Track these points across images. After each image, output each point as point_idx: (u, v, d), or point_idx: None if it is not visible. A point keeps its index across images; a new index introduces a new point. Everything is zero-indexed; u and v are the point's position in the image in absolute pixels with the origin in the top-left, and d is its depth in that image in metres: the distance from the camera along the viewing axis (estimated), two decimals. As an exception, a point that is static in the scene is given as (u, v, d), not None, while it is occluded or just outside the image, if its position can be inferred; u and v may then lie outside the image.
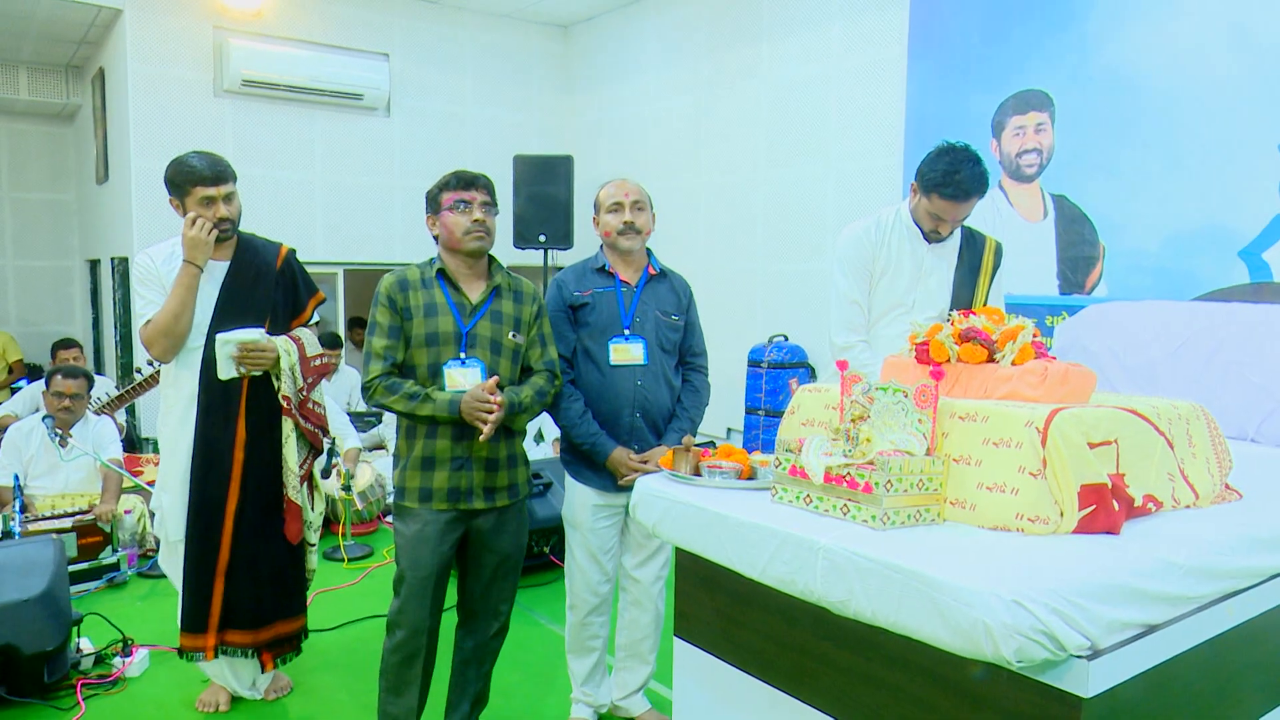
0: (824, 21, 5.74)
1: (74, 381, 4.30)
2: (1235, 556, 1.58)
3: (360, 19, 6.95)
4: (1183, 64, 3.96)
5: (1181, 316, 2.93)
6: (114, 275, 7.25)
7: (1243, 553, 1.60)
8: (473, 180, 2.51)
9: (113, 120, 6.81)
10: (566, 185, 6.89)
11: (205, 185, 2.73)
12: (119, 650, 3.26)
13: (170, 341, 2.74)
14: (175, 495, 2.82)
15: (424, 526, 2.46)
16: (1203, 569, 1.51)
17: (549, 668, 3.37)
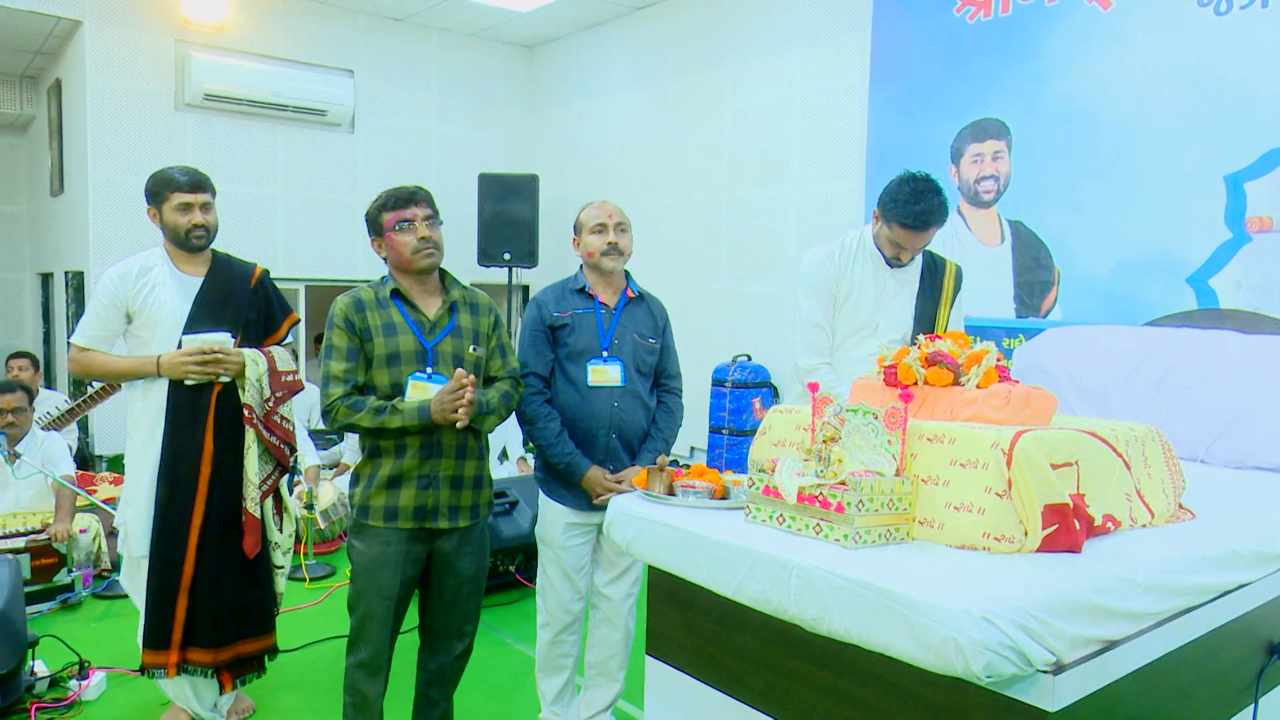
0: (787, 47, 5.86)
1: (11, 396, 4.18)
2: (1190, 574, 1.65)
3: (325, 34, 6.93)
4: (1134, 96, 4.11)
5: (1134, 341, 3.03)
6: (68, 289, 7.09)
7: (1197, 570, 1.66)
8: (410, 196, 2.47)
9: (70, 132, 6.70)
10: (531, 204, 6.92)
11: (183, 191, 2.73)
12: (75, 673, 3.19)
13: (93, 379, 2.76)
14: (140, 510, 2.78)
15: (386, 546, 2.44)
16: (1160, 586, 1.57)
17: (515, 687, 3.36)
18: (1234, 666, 1.86)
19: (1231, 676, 1.86)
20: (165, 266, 2.83)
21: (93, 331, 2.78)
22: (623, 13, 7.01)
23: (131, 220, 6.18)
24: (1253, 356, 2.76)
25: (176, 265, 2.84)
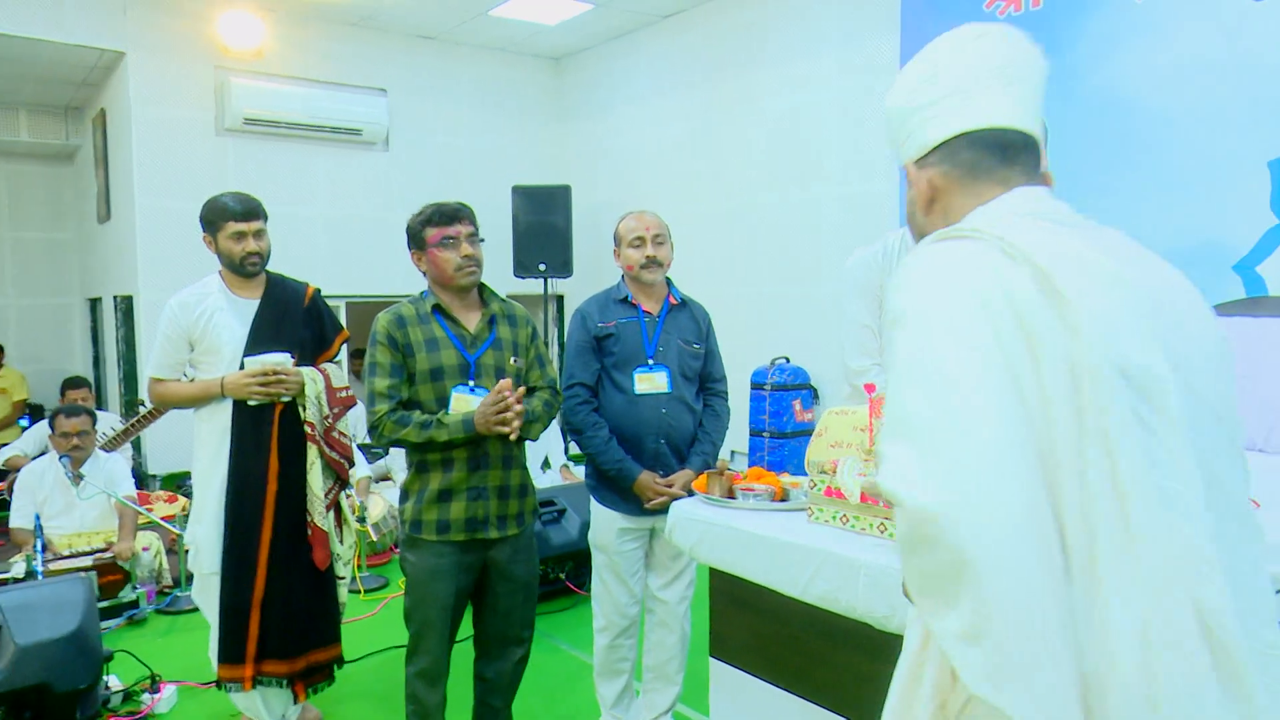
0: (816, 50, 5.88)
1: (76, 420, 4.32)
2: (1262, 563, 1.65)
3: (358, 55, 7.07)
4: (1172, 85, 4.08)
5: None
6: (117, 313, 7.28)
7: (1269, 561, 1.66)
8: (455, 213, 2.52)
9: (115, 160, 6.88)
10: (565, 214, 7.00)
11: (237, 220, 2.82)
12: (147, 687, 3.29)
13: (170, 407, 2.90)
14: (210, 527, 2.87)
15: (440, 559, 2.49)
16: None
17: (571, 693, 3.41)
18: None
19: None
20: (221, 293, 2.92)
21: (163, 361, 2.88)
22: (649, 21, 7.07)
23: (178, 244, 6.33)
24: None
25: (232, 290, 2.93)
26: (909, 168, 1.18)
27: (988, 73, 1.11)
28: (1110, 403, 0.88)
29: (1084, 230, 1.03)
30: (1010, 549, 0.86)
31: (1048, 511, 0.89)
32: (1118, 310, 0.92)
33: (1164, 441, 0.90)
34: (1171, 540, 0.88)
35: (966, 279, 0.95)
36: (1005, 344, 0.90)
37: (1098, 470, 0.88)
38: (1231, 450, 0.98)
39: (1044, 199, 1.07)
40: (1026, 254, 0.93)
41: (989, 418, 0.89)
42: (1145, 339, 0.92)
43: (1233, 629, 0.88)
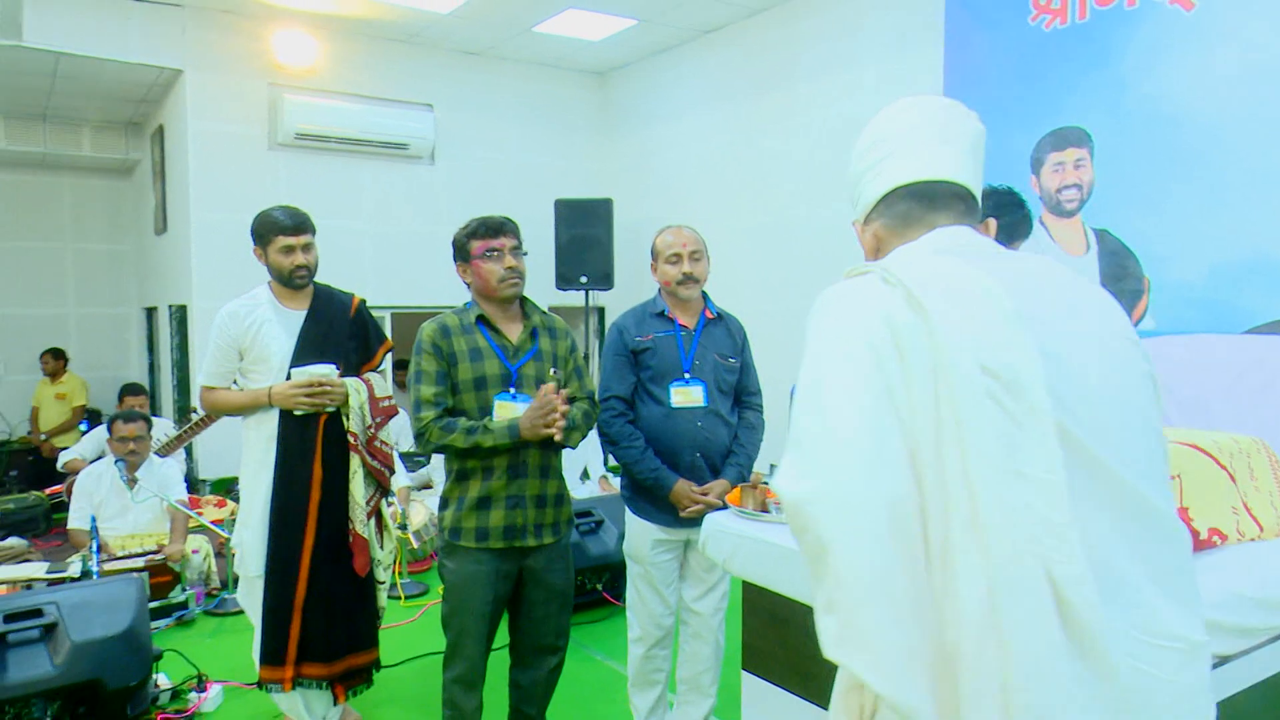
0: (859, 63, 5.87)
1: (134, 425, 4.46)
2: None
3: (406, 72, 7.21)
4: (1222, 97, 4.01)
5: (1234, 350, 2.96)
6: (171, 322, 7.49)
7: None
8: (500, 227, 2.58)
9: (172, 174, 7.10)
10: (607, 227, 7.05)
11: (286, 234, 2.90)
12: (194, 685, 3.37)
13: (220, 414, 3.09)
14: (255, 532, 2.94)
15: (479, 566, 2.53)
16: (1272, 601, 1.55)
17: (605, 703, 3.42)
18: None
19: None
20: (270, 304, 3.00)
21: (214, 370, 2.98)
22: (692, 37, 7.12)
23: (231, 255, 6.50)
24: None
25: (281, 302, 3.01)
26: (856, 226, 1.33)
27: (921, 134, 1.25)
28: (965, 395, 0.99)
29: (989, 259, 1.13)
30: (862, 533, 0.98)
31: (912, 502, 1.00)
32: (981, 319, 1.03)
33: (1027, 431, 0.98)
34: (1022, 519, 0.96)
35: (850, 308, 1.10)
36: (880, 357, 1.04)
37: (952, 458, 0.99)
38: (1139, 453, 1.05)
39: (960, 235, 1.18)
40: (901, 279, 1.06)
41: (855, 423, 1.02)
42: (1010, 341, 1.01)
43: (1090, 606, 0.94)
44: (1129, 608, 0.99)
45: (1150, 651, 0.99)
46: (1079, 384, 1.03)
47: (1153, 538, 1.02)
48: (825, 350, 1.09)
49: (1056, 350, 1.03)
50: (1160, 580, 1.01)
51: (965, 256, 1.13)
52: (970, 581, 0.97)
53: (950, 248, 1.15)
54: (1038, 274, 1.13)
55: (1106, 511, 1.01)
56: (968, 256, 1.13)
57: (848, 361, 1.05)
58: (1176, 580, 1.03)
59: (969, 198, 1.24)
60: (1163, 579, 1.02)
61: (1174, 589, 1.02)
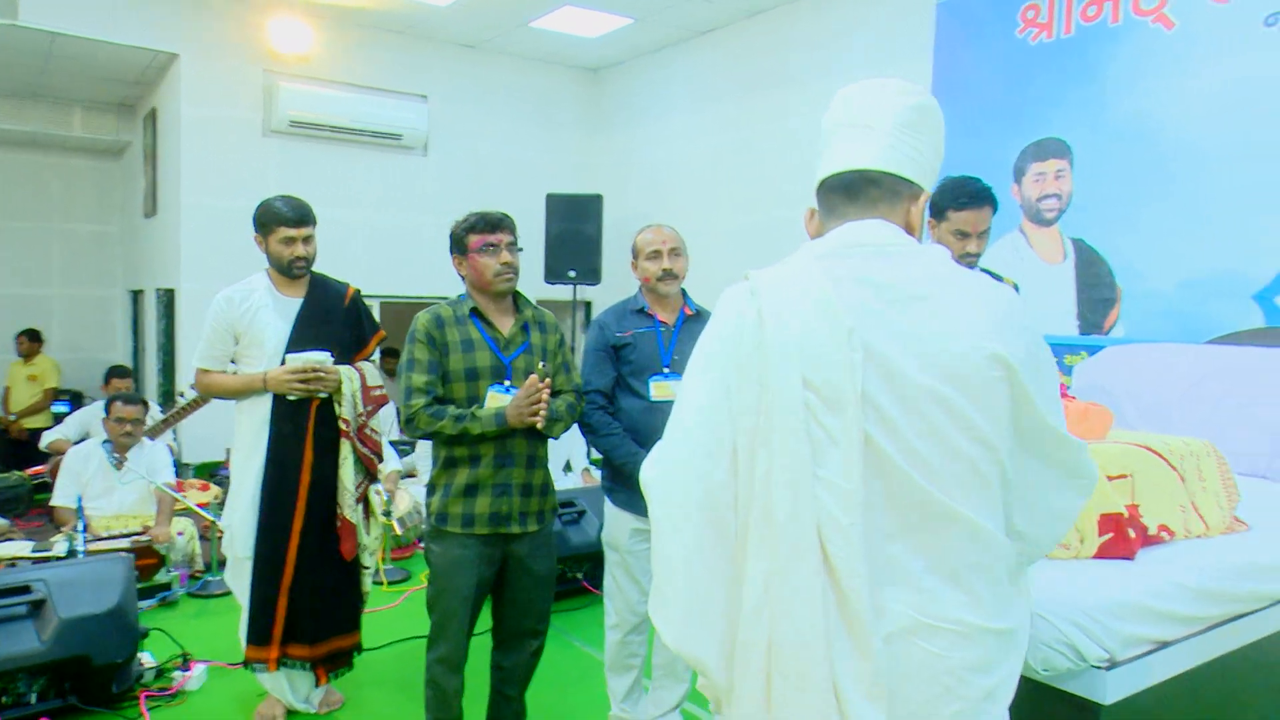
0: (849, 70, 5.96)
1: (134, 407, 4.51)
2: (1243, 581, 1.72)
3: (401, 62, 7.26)
4: (1199, 115, 4.13)
5: (1195, 359, 3.07)
6: (158, 305, 7.51)
7: (1249, 577, 1.74)
8: (498, 222, 2.64)
9: (163, 157, 7.12)
10: (596, 223, 7.13)
11: (288, 226, 2.96)
12: (179, 664, 3.43)
13: (214, 397, 3.16)
14: (245, 514, 3.00)
15: (464, 550, 2.60)
16: (1212, 592, 1.65)
17: (583, 687, 3.51)
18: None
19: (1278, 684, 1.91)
20: (267, 291, 3.06)
21: (209, 353, 3.03)
22: (685, 37, 7.20)
23: (221, 240, 6.55)
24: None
25: (278, 289, 3.07)
26: (808, 209, 1.46)
27: (845, 125, 1.36)
28: (783, 403, 1.14)
29: (867, 262, 1.25)
30: (677, 514, 1.20)
31: (728, 490, 1.19)
32: (815, 336, 1.16)
33: (837, 441, 1.13)
34: (808, 515, 1.12)
35: (721, 313, 1.29)
36: (726, 361, 1.22)
37: (762, 456, 1.15)
38: (944, 464, 1.15)
39: (859, 231, 1.29)
40: (760, 293, 1.24)
41: (693, 418, 1.23)
42: (836, 360, 1.15)
43: (859, 596, 1.10)
44: (911, 592, 1.14)
45: (925, 629, 1.13)
46: (896, 390, 1.14)
47: (942, 536, 1.15)
48: (698, 353, 1.29)
49: (886, 355, 1.15)
50: (943, 572, 1.15)
51: (845, 259, 1.26)
52: (756, 563, 1.15)
53: (836, 249, 1.28)
54: (911, 279, 1.21)
55: (897, 512, 1.14)
56: (848, 259, 1.25)
57: (704, 361, 1.26)
58: (967, 575, 1.15)
59: (885, 182, 1.32)
60: (947, 572, 1.15)
61: (961, 581, 1.15)
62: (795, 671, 1.12)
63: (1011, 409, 1.17)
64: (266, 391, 2.98)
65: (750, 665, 1.15)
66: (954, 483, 1.15)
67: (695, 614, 1.18)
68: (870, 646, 1.11)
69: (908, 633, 1.13)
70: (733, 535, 1.18)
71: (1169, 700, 1.58)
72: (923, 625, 1.13)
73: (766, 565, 1.14)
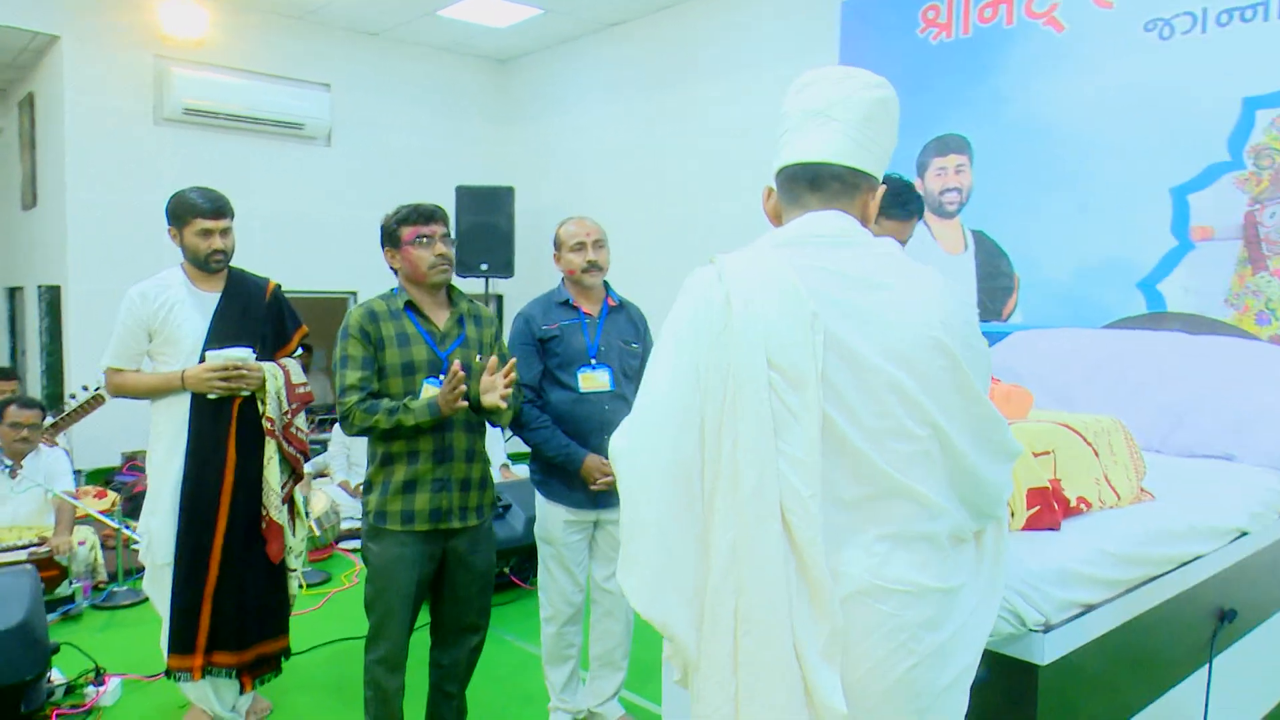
0: (756, 65, 6.09)
1: (31, 412, 4.26)
2: (1155, 546, 1.87)
3: (302, 50, 7.03)
4: (1088, 114, 4.40)
5: (1094, 343, 3.29)
6: (40, 303, 7.08)
7: (1161, 543, 1.89)
8: (431, 214, 2.61)
9: (44, 146, 6.70)
10: (508, 215, 7.08)
11: (205, 218, 2.85)
12: (91, 679, 3.27)
13: (127, 397, 2.99)
14: (164, 519, 2.89)
15: (403, 548, 2.57)
16: (1130, 556, 1.80)
17: (520, 680, 3.51)
18: (1191, 629, 2.09)
19: (1189, 638, 2.09)
20: (183, 286, 2.94)
21: (121, 351, 2.89)
22: (595, 29, 7.21)
23: (111, 234, 6.22)
24: (1199, 355, 3.04)
25: (194, 284, 2.96)
26: (766, 187, 1.51)
27: (810, 114, 1.39)
28: (748, 382, 1.22)
29: (825, 251, 1.31)
30: (646, 485, 1.27)
31: (695, 463, 1.26)
32: (780, 319, 1.23)
33: (798, 418, 1.21)
34: (772, 487, 1.20)
35: (689, 295, 1.35)
36: (697, 340, 1.28)
37: (728, 432, 1.23)
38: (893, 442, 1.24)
39: (820, 222, 1.36)
40: (726, 277, 1.30)
41: (662, 393, 1.29)
42: (799, 341, 1.22)
43: (817, 564, 1.20)
44: (864, 556, 1.24)
45: (879, 591, 1.23)
46: (855, 374, 1.23)
47: (893, 506, 1.25)
48: (666, 330, 1.35)
49: (846, 340, 1.23)
50: (893, 539, 1.25)
51: (806, 248, 1.32)
52: (722, 533, 1.22)
53: (798, 238, 1.34)
54: (867, 269, 1.30)
55: (852, 485, 1.24)
56: (809, 248, 1.32)
57: (673, 340, 1.31)
58: (915, 541, 1.26)
59: (847, 175, 1.38)
60: (897, 538, 1.25)
61: (910, 546, 1.25)
62: (760, 634, 1.20)
63: (954, 393, 1.27)
64: (184, 390, 2.87)
65: (719, 627, 1.22)
66: (904, 460, 1.24)
67: (665, 578, 1.25)
68: (828, 609, 1.20)
69: (863, 594, 1.22)
70: (700, 504, 1.25)
71: (1095, 659, 1.71)
72: (876, 587, 1.22)
73: (733, 534, 1.21)
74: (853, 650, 1.21)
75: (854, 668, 1.21)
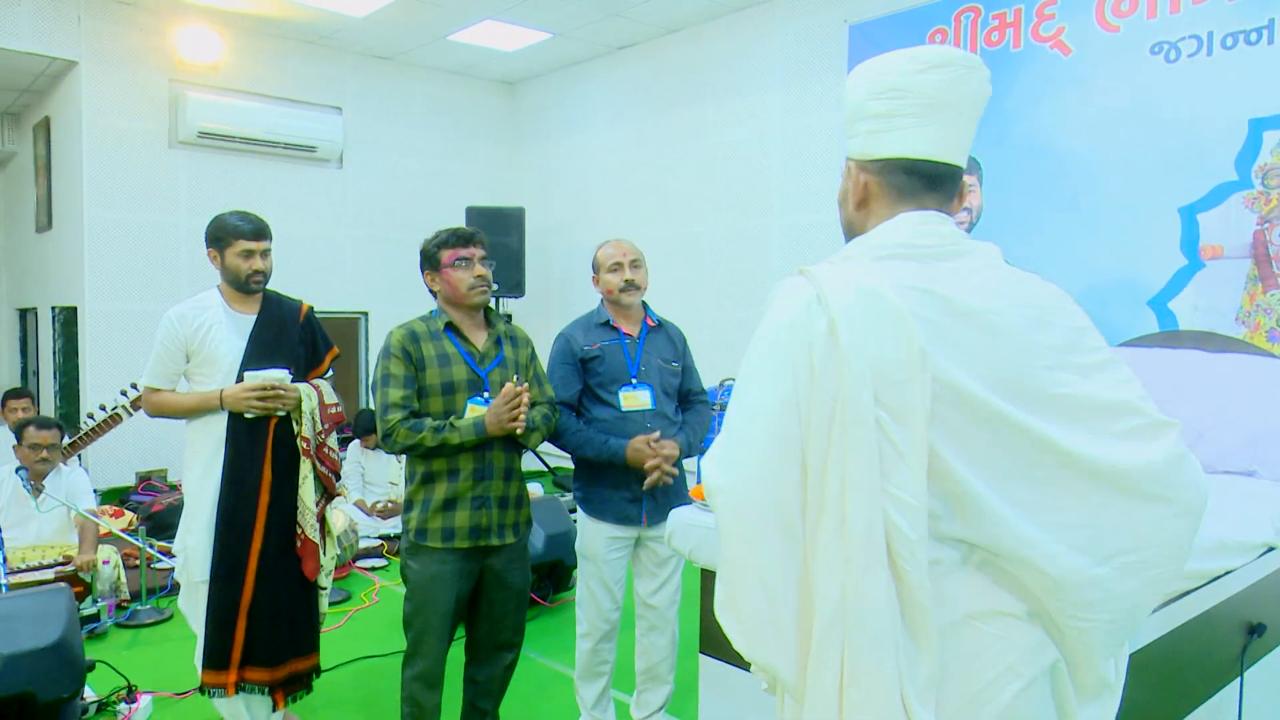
0: (765, 87, 6.19)
1: (48, 432, 4.30)
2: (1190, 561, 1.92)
3: (314, 73, 7.12)
4: (1095, 135, 4.49)
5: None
6: (55, 324, 7.12)
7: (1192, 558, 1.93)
8: (470, 237, 2.69)
9: (60, 169, 6.77)
10: (519, 235, 7.15)
11: (246, 239, 2.91)
12: (123, 697, 3.30)
13: (165, 417, 3.03)
14: (201, 537, 2.93)
15: (443, 565, 2.62)
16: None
17: (547, 697, 3.54)
18: (1222, 644, 2.14)
19: (1220, 652, 2.14)
20: (220, 307, 3.00)
21: (159, 371, 2.95)
22: (603, 52, 7.31)
23: (127, 255, 6.28)
24: (1217, 372, 3.09)
25: (231, 305, 3.01)
26: (852, 162, 1.35)
27: (941, 105, 1.26)
28: (856, 422, 1.14)
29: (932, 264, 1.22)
30: (750, 528, 1.19)
31: (797, 503, 1.19)
32: (887, 352, 1.15)
33: (905, 459, 1.14)
34: (879, 530, 1.13)
35: (785, 319, 1.21)
36: (796, 371, 1.18)
37: (834, 474, 1.15)
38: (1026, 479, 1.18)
39: (926, 229, 1.26)
40: (828, 302, 1.18)
41: (764, 429, 1.20)
42: (907, 377, 1.14)
43: (927, 608, 1.14)
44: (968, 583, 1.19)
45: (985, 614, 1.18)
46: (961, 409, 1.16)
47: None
48: (759, 350, 1.24)
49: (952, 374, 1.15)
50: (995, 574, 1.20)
51: (909, 263, 1.22)
52: (829, 578, 1.15)
53: (901, 249, 1.24)
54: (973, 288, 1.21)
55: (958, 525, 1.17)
56: (912, 263, 1.22)
57: (772, 369, 1.21)
58: None
59: (958, 177, 1.31)
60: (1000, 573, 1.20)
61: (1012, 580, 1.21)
62: (867, 685, 1.13)
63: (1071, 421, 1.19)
64: (221, 410, 2.92)
65: (824, 675, 1.15)
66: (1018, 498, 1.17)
67: (768, 622, 1.19)
68: (930, 653, 1.14)
69: (968, 619, 1.18)
70: (800, 545, 1.19)
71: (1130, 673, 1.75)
72: (983, 611, 1.19)
73: (840, 580, 1.15)
74: (951, 682, 1.15)
75: (951, 699, 1.16)
